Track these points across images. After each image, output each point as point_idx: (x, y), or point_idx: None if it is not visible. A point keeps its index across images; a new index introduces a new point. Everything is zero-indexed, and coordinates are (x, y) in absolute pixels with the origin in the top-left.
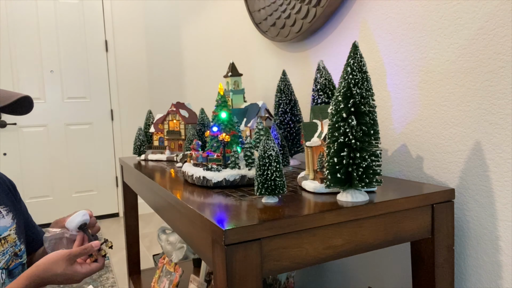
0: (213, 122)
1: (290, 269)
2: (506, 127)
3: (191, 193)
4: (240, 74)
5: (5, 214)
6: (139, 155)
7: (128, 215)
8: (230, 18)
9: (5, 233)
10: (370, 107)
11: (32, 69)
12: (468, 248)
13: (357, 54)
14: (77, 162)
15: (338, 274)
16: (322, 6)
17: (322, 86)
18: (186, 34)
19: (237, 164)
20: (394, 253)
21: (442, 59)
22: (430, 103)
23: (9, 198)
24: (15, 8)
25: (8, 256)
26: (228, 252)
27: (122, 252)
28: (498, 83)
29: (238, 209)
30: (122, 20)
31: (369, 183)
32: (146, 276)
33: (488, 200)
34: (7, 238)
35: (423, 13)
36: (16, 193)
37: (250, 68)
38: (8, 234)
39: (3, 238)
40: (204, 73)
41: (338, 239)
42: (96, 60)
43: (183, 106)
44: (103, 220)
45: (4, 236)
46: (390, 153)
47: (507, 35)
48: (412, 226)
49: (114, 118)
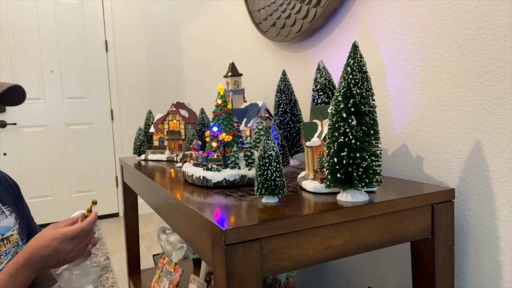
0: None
1: (290, 269)
2: (506, 127)
3: (191, 193)
4: (240, 74)
5: (8, 214)
6: (139, 155)
7: (128, 215)
8: (230, 18)
9: (8, 233)
10: (370, 107)
11: (32, 69)
12: (468, 248)
13: (357, 54)
14: (77, 162)
15: (338, 274)
16: (322, 6)
17: (322, 86)
18: (186, 34)
19: (237, 164)
20: (394, 253)
21: (442, 59)
22: (430, 103)
23: (12, 198)
24: (15, 8)
25: (11, 256)
26: (228, 252)
27: (122, 252)
28: (498, 83)
29: (238, 209)
30: (122, 20)
31: (369, 183)
32: (146, 276)
33: (488, 200)
34: (9, 238)
35: (423, 13)
36: (19, 195)
37: (250, 68)
38: (11, 234)
39: (6, 238)
40: (204, 73)
41: (338, 239)
42: (96, 60)
43: (183, 106)
44: (103, 220)
45: (6, 236)
46: (390, 153)
47: (507, 35)
48: (412, 226)
49: (114, 118)
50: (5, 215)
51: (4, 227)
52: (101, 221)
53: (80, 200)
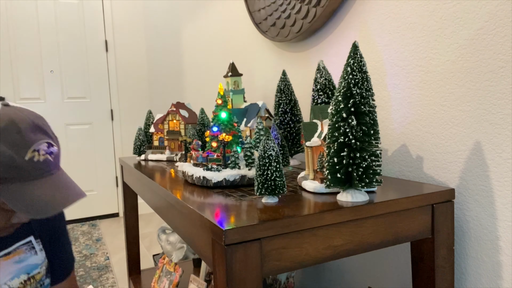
0: (213, 122)
1: (290, 269)
2: (506, 127)
3: (191, 193)
4: (240, 74)
5: (38, 250)
6: (139, 155)
7: (128, 215)
8: (230, 18)
9: (35, 271)
10: (370, 107)
11: (32, 69)
12: (468, 248)
13: (357, 54)
14: (77, 162)
15: (338, 274)
16: (322, 6)
17: (322, 86)
18: (186, 34)
19: (237, 164)
20: (394, 253)
21: (442, 59)
22: (430, 103)
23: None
24: (15, 8)
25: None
26: (228, 252)
27: (122, 252)
28: (498, 83)
29: (238, 209)
30: (122, 20)
31: (369, 183)
32: (146, 276)
33: (488, 200)
34: (35, 277)
35: (423, 13)
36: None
37: (250, 68)
38: (38, 272)
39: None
40: (204, 73)
41: (338, 239)
42: (96, 60)
43: (183, 106)
44: (103, 220)
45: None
46: (390, 153)
47: (507, 35)
48: (412, 226)
49: (114, 118)
50: (35, 250)
51: (32, 265)
52: (101, 221)
53: (80, 200)
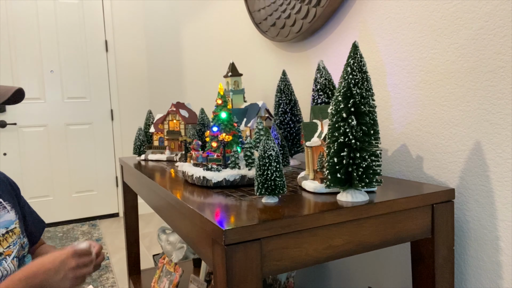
0: (213, 122)
1: (290, 269)
2: (506, 127)
3: (191, 193)
4: (240, 74)
5: (9, 209)
6: (139, 155)
7: (128, 215)
8: (230, 18)
9: (11, 226)
10: (370, 107)
11: (32, 69)
12: (468, 248)
13: (357, 54)
14: (77, 162)
15: (338, 274)
16: (322, 6)
17: (322, 86)
18: (186, 34)
19: (237, 164)
20: (394, 253)
21: (442, 59)
22: (430, 103)
23: (11, 196)
24: (15, 8)
25: (18, 246)
26: (228, 252)
27: (122, 252)
28: (498, 83)
29: (238, 209)
30: (122, 20)
31: (369, 183)
32: (146, 276)
33: (488, 200)
34: (14, 231)
35: (423, 13)
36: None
37: (250, 68)
38: (14, 227)
39: (11, 230)
40: (204, 73)
41: (338, 239)
42: (96, 60)
43: (183, 106)
44: (103, 220)
45: (11, 228)
46: (390, 153)
47: (507, 35)
48: (412, 226)
49: (114, 118)
50: (7, 209)
51: (7, 220)
52: (101, 221)
53: (80, 200)
